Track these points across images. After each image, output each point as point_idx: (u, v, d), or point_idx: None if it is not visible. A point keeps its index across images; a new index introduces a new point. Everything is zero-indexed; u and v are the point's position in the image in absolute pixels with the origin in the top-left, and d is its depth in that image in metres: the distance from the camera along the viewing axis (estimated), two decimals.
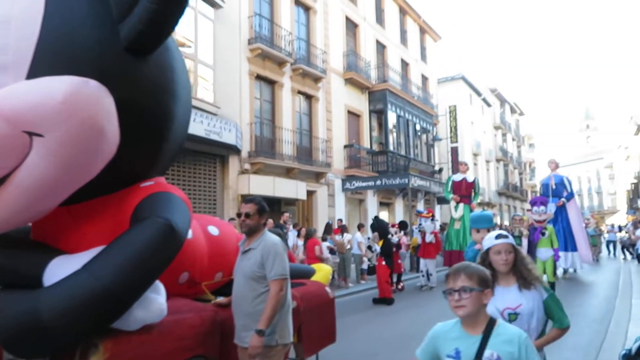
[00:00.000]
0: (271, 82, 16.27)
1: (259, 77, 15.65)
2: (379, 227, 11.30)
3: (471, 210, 14.88)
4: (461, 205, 14.52)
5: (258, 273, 3.37)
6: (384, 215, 21.52)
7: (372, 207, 21.29)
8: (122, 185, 3.28)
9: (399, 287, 12.44)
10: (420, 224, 13.59)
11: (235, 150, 13.82)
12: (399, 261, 12.79)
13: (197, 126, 11.88)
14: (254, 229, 3.50)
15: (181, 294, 3.72)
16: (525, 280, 2.81)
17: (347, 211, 19.35)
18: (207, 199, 13.61)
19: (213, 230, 4.26)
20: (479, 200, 17.82)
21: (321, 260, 10.34)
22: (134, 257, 2.78)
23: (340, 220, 15.96)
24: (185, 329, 3.34)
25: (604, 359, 5.52)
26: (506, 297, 2.79)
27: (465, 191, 14.70)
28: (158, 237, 2.87)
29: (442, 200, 25.84)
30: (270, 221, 11.95)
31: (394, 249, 11.98)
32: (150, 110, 3.11)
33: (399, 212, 23.45)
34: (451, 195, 14.50)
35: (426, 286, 12.55)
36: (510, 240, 2.91)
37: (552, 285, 9.11)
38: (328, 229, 13.42)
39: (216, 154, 13.73)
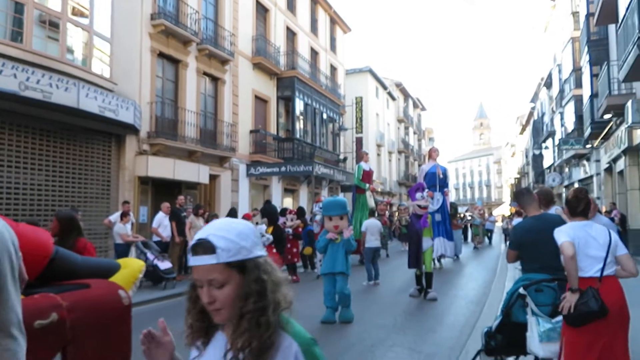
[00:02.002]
0: (175, 61, 15.62)
1: (161, 55, 14.94)
2: (269, 212, 10.87)
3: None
4: (368, 194, 15.04)
5: None
6: (287, 202, 21.68)
7: (276, 193, 21.35)
8: None
9: (293, 278, 11.36)
10: (313, 209, 13.42)
11: (133, 129, 13.12)
12: (294, 250, 12.19)
13: (90, 102, 11.13)
14: None
15: None
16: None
17: (251, 197, 19.24)
18: (101, 180, 12.82)
19: None
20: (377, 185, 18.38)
21: None
22: None
23: (257, 209, 15.64)
24: None
25: (476, 337, 6.00)
26: None
27: (369, 180, 15.17)
28: None
29: (346, 189, 26.59)
30: (167, 204, 11.58)
31: (291, 237, 11.85)
32: None
33: (304, 199, 23.75)
34: (367, 185, 14.93)
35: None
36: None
37: (431, 275, 8.94)
38: (232, 214, 13.17)
39: (112, 132, 12.95)
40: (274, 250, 10.17)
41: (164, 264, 10.16)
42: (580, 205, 3.53)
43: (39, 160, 11.14)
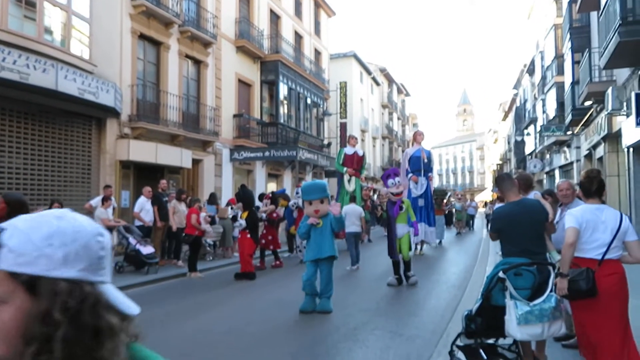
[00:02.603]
0: (156, 43, 15.33)
1: (142, 37, 14.65)
2: (244, 197, 10.50)
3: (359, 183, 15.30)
4: (353, 178, 14.74)
5: None
6: (272, 187, 21.62)
7: (260, 178, 21.27)
8: None
9: (276, 262, 11.40)
10: (297, 193, 13.15)
11: (113, 112, 12.89)
12: (269, 237, 11.55)
13: (69, 84, 10.88)
14: None
15: None
16: None
17: (234, 181, 19.12)
18: (81, 164, 12.61)
19: None
20: (364, 174, 18.16)
21: (198, 230, 10.09)
22: None
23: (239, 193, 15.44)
24: None
25: (457, 320, 6.09)
26: None
27: (357, 164, 14.91)
28: None
29: (330, 174, 26.60)
30: (148, 188, 11.46)
31: (265, 223, 11.46)
32: None
33: (287, 184, 23.72)
34: (345, 168, 14.73)
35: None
36: None
37: (409, 262, 8.74)
38: (212, 198, 13.08)
39: (92, 115, 12.71)
40: (248, 236, 9.86)
41: (146, 249, 10.09)
42: (594, 185, 3.72)
43: (17, 144, 10.90)
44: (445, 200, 20.30)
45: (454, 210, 23.45)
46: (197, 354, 4.96)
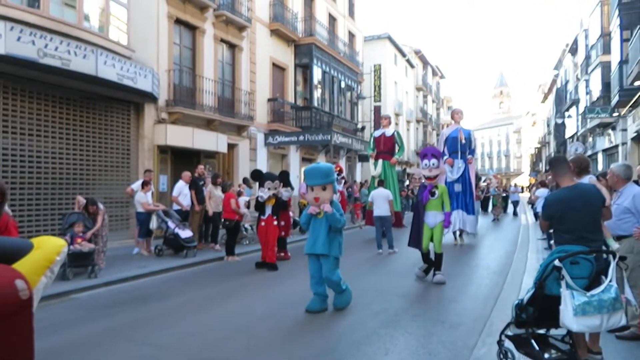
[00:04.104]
0: (192, 28, 15.38)
1: (178, 21, 14.71)
2: (284, 177, 9.51)
3: (391, 166, 14.77)
4: (379, 161, 14.26)
5: None
6: None
7: (294, 162, 21.27)
8: None
9: (281, 255, 10.10)
10: None
11: (151, 98, 13.05)
12: (282, 223, 10.10)
13: (109, 70, 11.03)
14: None
15: None
16: None
17: (269, 166, 19.18)
18: (120, 149, 12.84)
19: None
20: (402, 156, 17.18)
21: (237, 214, 10.12)
22: None
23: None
24: None
25: (500, 308, 5.94)
26: None
27: (384, 146, 14.31)
28: None
29: (364, 158, 26.38)
30: (188, 173, 11.57)
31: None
32: None
33: None
34: (370, 152, 14.33)
35: None
36: None
37: (440, 256, 7.75)
38: (246, 183, 13.07)
39: (130, 100, 12.91)
40: (275, 223, 9.24)
41: (185, 233, 10.22)
42: None
43: (59, 129, 11.17)
44: (481, 185, 19.83)
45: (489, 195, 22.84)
46: (238, 337, 4.98)
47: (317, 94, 21.96)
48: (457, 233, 12.43)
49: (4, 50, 8.93)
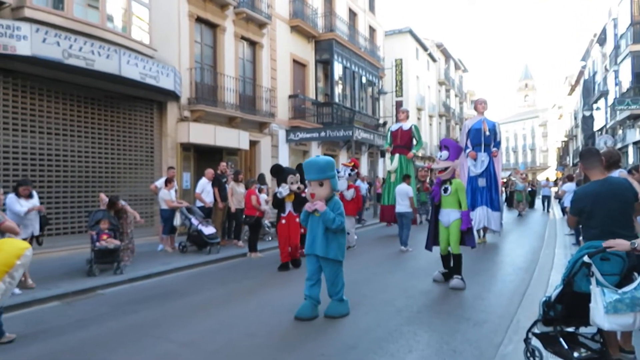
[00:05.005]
0: (213, 26, 15.46)
1: (199, 20, 14.81)
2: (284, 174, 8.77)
3: (408, 160, 14.22)
4: (396, 156, 13.86)
5: None
6: None
7: None
8: None
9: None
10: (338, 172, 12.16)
11: (173, 96, 13.18)
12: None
13: (132, 69, 11.17)
14: None
15: None
16: None
17: (290, 162, 19.19)
18: (144, 147, 13.01)
19: None
20: (420, 150, 16.73)
21: (258, 211, 10.11)
22: None
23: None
24: None
25: (527, 305, 5.82)
26: None
27: (401, 140, 13.91)
28: None
29: (385, 153, 26.16)
30: (211, 171, 11.65)
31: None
32: None
33: None
34: (385, 147, 13.96)
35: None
36: None
37: (459, 258, 7.05)
38: (261, 179, 13.02)
39: (153, 99, 13.05)
40: (298, 220, 8.38)
41: (208, 229, 10.30)
42: None
43: (84, 128, 11.37)
44: (505, 180, 19.40)
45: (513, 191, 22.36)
46: (260, 334, 4.98)
47: (338, 89, 21.86)
48: (482, 232, 11.71)
49: (30, 51, 9.11)
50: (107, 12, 11.14)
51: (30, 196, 7.28)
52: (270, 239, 12.25)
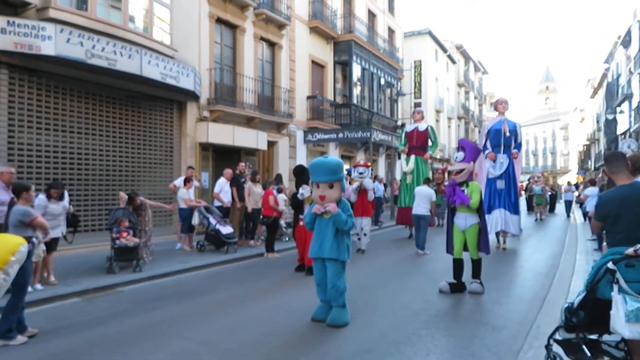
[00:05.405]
0: (232, 27, 15.56)
1: (219, 21, 14.92)
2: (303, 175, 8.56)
3: (424, 162, 14.05)
4: (412, 157, 13.70)
5: None
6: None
7: None
8: None
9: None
10: (350, 171, 11.35)
11: (193, 96, 13.30)
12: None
13: (152, 69, 11.30)
14: None
15: None
16: None
17: (307, 163, 19.19)
18: (164, 146, 13.15)
19: None
20: (436, 151, 16.26)
21: (276, 211, 10.14)
22: None
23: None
24: None
25: (547, 310, 5.72)
26: None
27: (416, 141, 13.72)
28: None
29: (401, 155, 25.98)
30: (229, 170, 11.72)
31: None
32: None
33: None
34: (400, 148, 13.82)
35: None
36: None
37: (478, 263, 6.84)
38: (278, 179, 13.05)
39: (173, 99, 13.19)
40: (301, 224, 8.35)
41: (226, 229, 10.36)
42: None
43: (106, 127, 11.54)
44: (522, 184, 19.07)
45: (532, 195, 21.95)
46: (277, 334, 4.98)
47: (356, 91, 21.83)
48: (501, 237, 11.37)
49: (54, 51, 9.28)
50: (129, 13, 11.30)
51: (61, 198, 7.34)
52: (287, 239, 12.27)
